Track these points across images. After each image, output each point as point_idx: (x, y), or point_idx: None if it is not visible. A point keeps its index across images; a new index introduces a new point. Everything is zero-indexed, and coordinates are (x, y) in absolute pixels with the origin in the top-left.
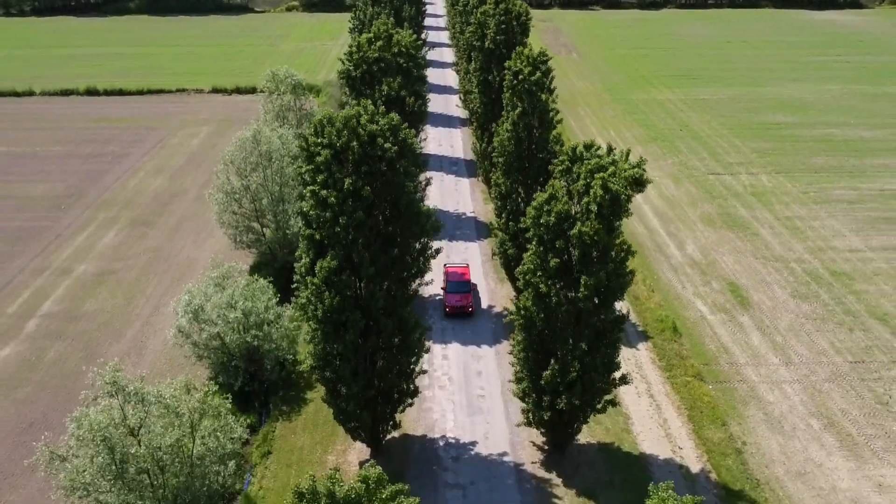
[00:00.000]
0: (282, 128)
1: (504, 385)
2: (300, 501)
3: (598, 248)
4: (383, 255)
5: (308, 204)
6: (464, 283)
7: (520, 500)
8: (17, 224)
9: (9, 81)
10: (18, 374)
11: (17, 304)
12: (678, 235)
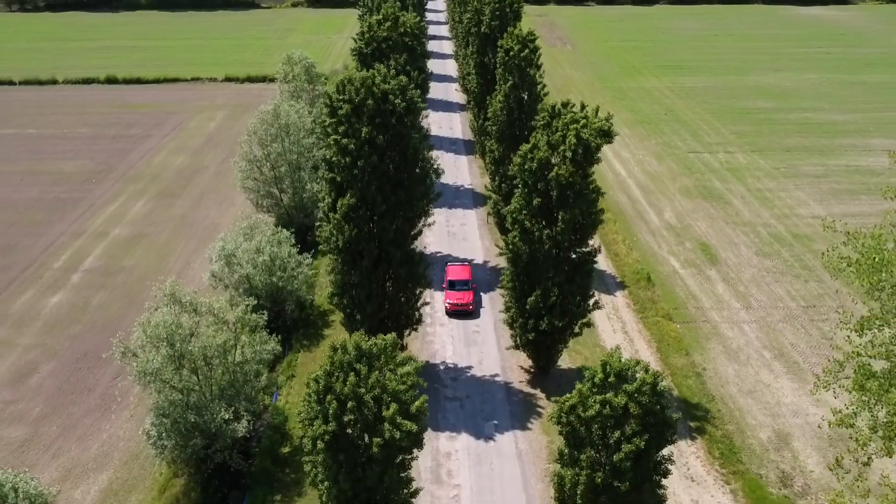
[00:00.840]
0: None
1: (497, 323)
2: (334, 352)
3: (573, 190)
4: (393, 196)
5: (331, 151)
6: (465, 281)
7: (508, 410)
8: (54, 195)
9: (32, 71)
10: (69, 316)
11: (61, 261)
12: (657, 204)
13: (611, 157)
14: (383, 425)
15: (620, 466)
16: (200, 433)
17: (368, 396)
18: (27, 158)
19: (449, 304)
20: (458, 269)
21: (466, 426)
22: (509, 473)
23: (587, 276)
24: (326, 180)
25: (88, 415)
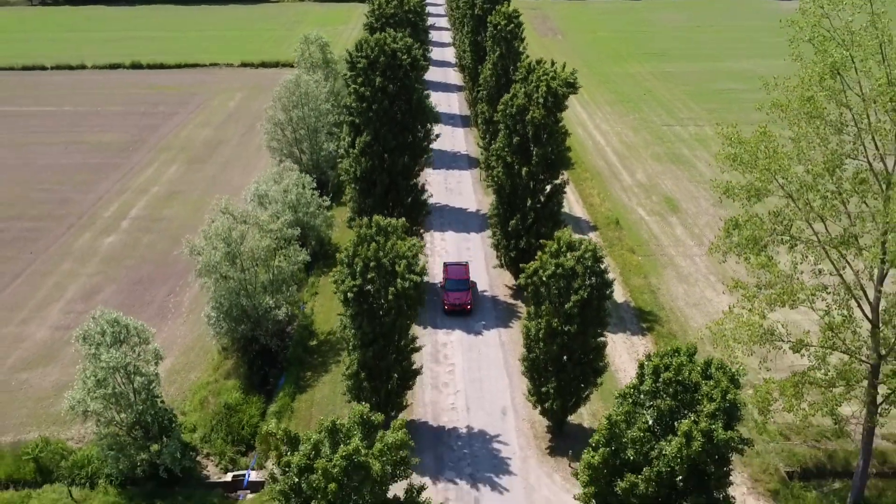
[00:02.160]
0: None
1: (486, 249)
2: (359, 228)
3: (545, 130)
4: (401, 136)
5: (350, 98)
6: (463, 281)
7: (494, 314)
8: (96, 161)
9: (61, 58)
10: (123, 252)
11: (111, 211)
12: (631, 167)
13: (591, 129)
14: (396, 280)
15: (570, 312)
16: (248, 319)
17: (385, 259)
18: (67, 131)
19: (447, 304)
20: (456, 269)
21: (460, 326)
22: (493, 356)
23: (559, 204)
24: (347, 123)
25: (149, 321)
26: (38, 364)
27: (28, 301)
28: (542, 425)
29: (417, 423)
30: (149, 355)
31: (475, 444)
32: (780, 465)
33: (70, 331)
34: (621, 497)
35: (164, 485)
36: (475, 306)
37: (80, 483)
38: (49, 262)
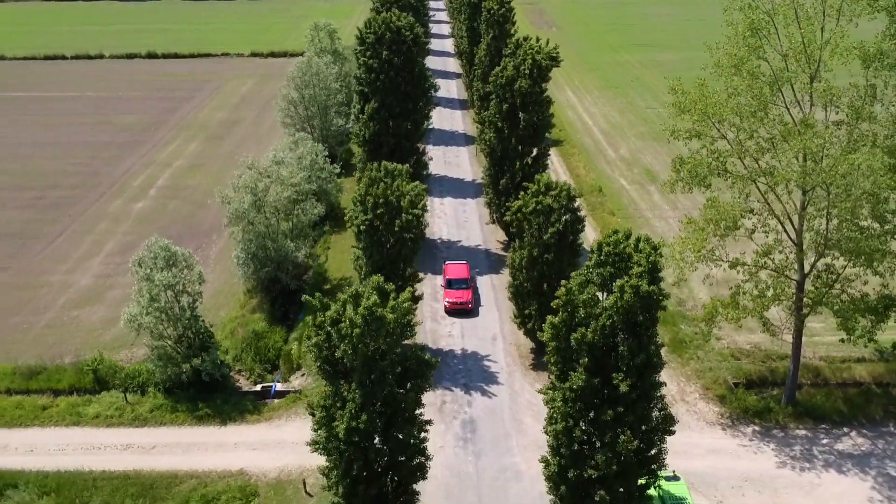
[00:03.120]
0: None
1: (479, 212)
2: (370, 171)
3: (531, 99)
4: (404, 103)
5: (360, 70)
6: (463, 280)
7: (487, 264)
8: (122, 139)
9: (80, 48)
10: (152, 215)
11: (139, 181)
12: (615, 144)
13: (581, 111)
14: (401, 215)
15: (548, 242)
16: (271, 261)
17: (392, 197)
18: (92, 113)
19: (448, 303)
20: (457, 268)
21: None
22: (485, 296)
23: (544, 166)
24: (357, 92)
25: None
26: (86, 304)
27: (71, 254)
28: (526, 348)
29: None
30: (193, 276)
31: (469, 362)
32: (728, 378)
33: (111, 279)
34: (574, 346)
35: (205, 390)
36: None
37: (132, 390)
38: (86, 223)
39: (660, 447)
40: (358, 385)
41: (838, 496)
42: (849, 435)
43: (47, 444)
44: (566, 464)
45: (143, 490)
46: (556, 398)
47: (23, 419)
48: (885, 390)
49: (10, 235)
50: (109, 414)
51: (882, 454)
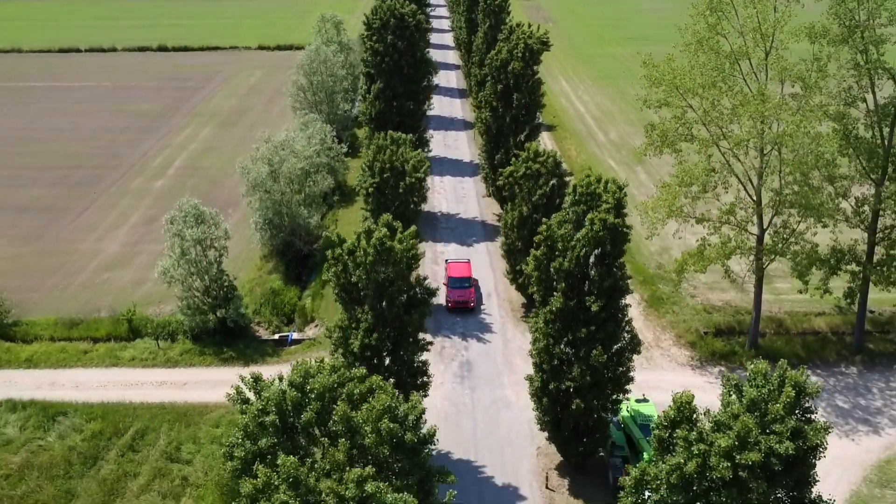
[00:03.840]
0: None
1: (476, 188)
2: (378, 140)
3: (523, 80)
4: (407, 84)
5: (367, 54)
6: (465, 278)
7: (483, 232)
8: (139, 125)
9: (94, 42)
10: (171, 191)
11: (157, 161)
12: (605, 129)
13: (574, 100)
14: (405, 179)
15: (537, 203)
16: (286, 227)
17: (397, 163)
18: (110, 101)
19: (450, 302)
20: (459, 267)
21: (455, 239)
22: (481, 259)
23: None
24: (364, 74)
25: None
26: (115, 268)
27: (99, 225)
28: (517, 303)
29: None
30: (220, 233)
31: (464, 313)
32: (699, 327)
33: (137, 246)
34: (553, 275)
35: (229, 337)
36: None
37: (163, 338)
38: (111, 199)
39: (627, 366)
40: (370, 308)
41: None
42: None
43: (90, 381)
44: (547, 378)
45: (178, 417)
46: (539, 321)
47: (67, 361)
48: (839, 338)
49: (40, 209)
50: (144, 357)
51: (833, 389)
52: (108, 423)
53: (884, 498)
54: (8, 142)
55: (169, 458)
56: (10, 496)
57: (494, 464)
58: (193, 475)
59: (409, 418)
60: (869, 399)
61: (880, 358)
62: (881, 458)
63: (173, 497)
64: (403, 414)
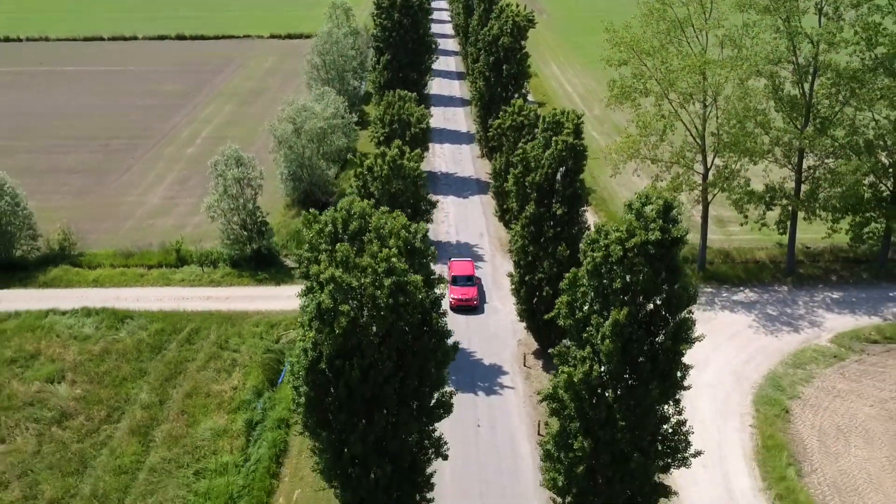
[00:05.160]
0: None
1: (472, 152)
2: (387, 97)
3: (511, 53)
4: (411, 56)
5: (377, 30)
6: (468, 277)
7: (478, 188)
8: (166, 103)
9: (116, 31)
10: (200, 157)
11: (186, 133)
12: (590, 106)
13: (563, 81)
14: (410, 129)
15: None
16: (307, 178)
17: (404, 116)
18: (137, 83)
19: (453, 300)
20: (462, 265)
21: (452, 192)
22: (475, 208)
23: None
24: (374, 48)
25: None
26: (158, 216)
27: (140, 183)
28: (505, 239)
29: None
30: (255, 174)
31: (462, 248)
32: None
33: (175, 199)
34: (528, 188)
35: (262, 264)
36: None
37: (206, 265)
38: (147, 163)
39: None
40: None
41: (728, 324)
42: (743, 291)
43: (148, 297)
44: (523, 272)
45: (224, 320)
46: (517, 226)
47: (127, 281)
48: (776, 266)
49: (87, 171)
50: (191, 279)
51: (765, 302)
52: (168, 324)
53: (795, 374)
54: (49, 117)
55: (219, 347)
56: (96, 372)
57: (484, 351)
58: (240, 358)
59: (417, 236)
60: (794, 308)
61: (808, 279)
62: (797, 348)
63: (225, 372)
64: (414, 230)
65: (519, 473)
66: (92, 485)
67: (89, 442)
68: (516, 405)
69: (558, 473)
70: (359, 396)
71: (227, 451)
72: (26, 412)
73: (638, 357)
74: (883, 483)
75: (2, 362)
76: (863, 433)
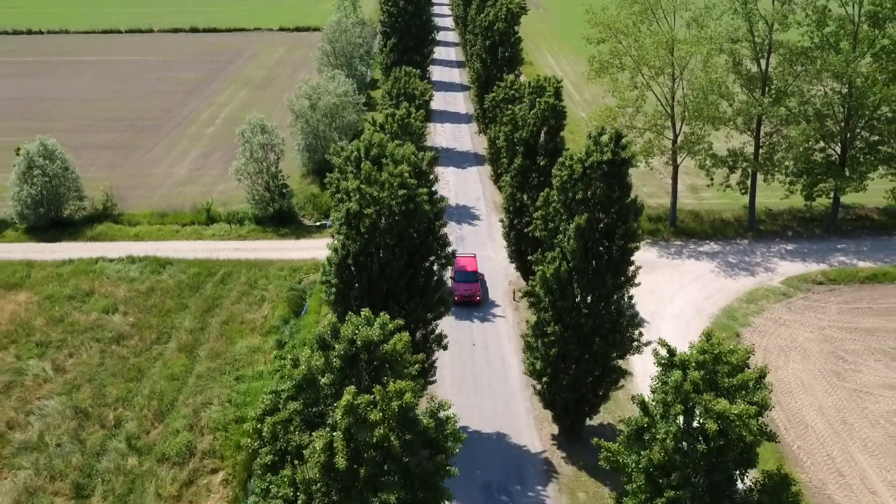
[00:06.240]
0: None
1: (470, 130)
2: (393, 75)
3: (505, 37)
4: (415, 40)
5: (384, 16)
6: (471, 273)
7: (476, 161)
8: (184, 89)
9: (132, 24)
10: (220, 135)
11: (205, 115)
12: (581, 91)
13: (556, 69)
14: (415, 101)
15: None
16: (321, 150)
17: (409, 89)
18: (155, 71)
19: (457, 295)
20: (466, 261)
21: (452, 164)
22: (473, 177)
23: None
24: (382, 32)
25: None
26: (186, 184)
27: (167, 158)
28: (499, 201)
29: None
30: (278, 141)
31: (460, 210)
32: None
33: (201, 171)
34: (516, 144)
35: (284, 222)
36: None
37: (233, 223)
38: (172, 140)
39: None
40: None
41: (692, 270)
42: (708, 243)
43: (183, 248)
44: (512, 217)
45: (251, 266)
46: (506, 178)
47: (164, 236)
48: (739, 223)
49: (117, 147)
50: (221, 234)
51: (727, 252)
52: (203, 269)
53: (748, 308)
54: (76, 101)
55: (250, 287)
56: (144, 305)
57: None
58: (268, 295)
59: (424, 161)
60: (752, 258)
61: (767, 234)
62: (751, 288)
63: (256, 305)
64: (421, 156)
65: (507, 378)
66: (149, 388)
67: (144, 357)
68: (506, 330)
69: (536, 359)
70: (377, 290)
71: (261, 362)
72: (88, 335)
73: (596, 255)
74: (813, 387)
75: (63, 298)
76: (801, 352)
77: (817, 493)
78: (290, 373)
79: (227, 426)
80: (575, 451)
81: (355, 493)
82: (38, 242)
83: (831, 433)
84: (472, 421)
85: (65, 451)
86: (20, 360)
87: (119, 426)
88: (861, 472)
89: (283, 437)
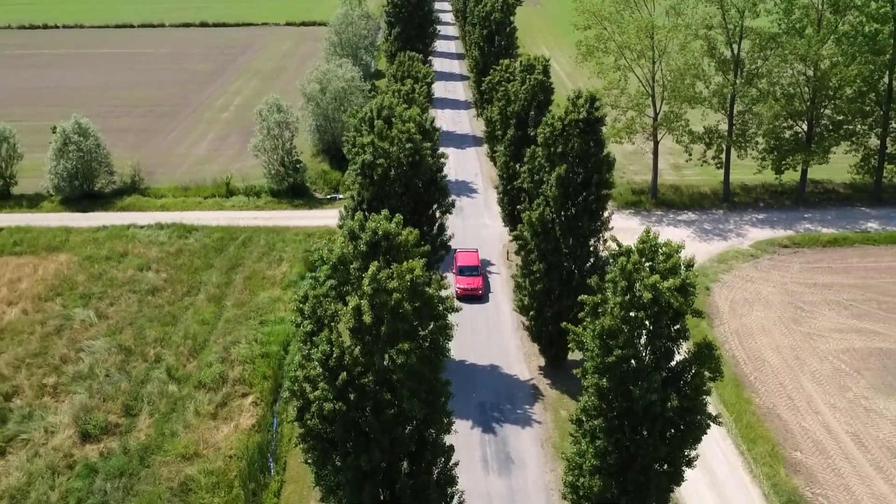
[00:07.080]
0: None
1: (469, 114)
2: (396, 59)
3: (502, 27)
4: (417, 29)
5: (388, 6)
6: (474, 267)
7: (474, 142)
8: (198, 79)
9: (144, 19)
10: (234, 120)
11: (219, 102)
12: (574, 81)
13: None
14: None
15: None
16: (330, 131)
17: (413, 71)
18: (170, 62)
19: (459, 289)
20: (468, 256)
21: (452, 145)
22: (471, 157)
23: None
24: (386, 22)
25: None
26: (205, 163)
27: (186, 138)
28: (496, 177)
29: None
30: (292, 119)
31: (459, 185)
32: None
33: (218, 151)
34: (509, 117)
35: (297, 195)
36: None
37: (251, 195)
38: (190, 124)
39: None
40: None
41: (670, 235)
42: (686, 213)
43: (206, 218)
44: (506, 182)
45: (269, 232)
46: (500, 148)
47: (188, 207)
48: (716, 195)
49: (138, 130)
50: (240, 205)
51: (703, 221)
52: (226, 234)
53: (718, 267)
54: (96, 89)
55: (269, 248)
56: (174, 264)
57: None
58: (286, 255)
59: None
60: (725, 225)
61: (740, 206)
62: (722, 250)
63: (275, 263)
64: (425, 117)
65: (500, 322)
66: (184, 330)
67: (177, 306)
68: (500, 284)
69: (524, 296)
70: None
71: (281, 310)
72: (126, 287)
73: (575, 201)
74: (772, 331)
75: (100, 258)
76: (764, 302)
77: (769, 413)
78: (327, 256)
79: (254, 360)
80: (559, 379)
81: (377, 348)
82: (73, 212)
83: (784, 367)
84: (470, 356)
85: (113, 379)
86: (67, 309)
87: (159, 361)
88: (808, 397)
89: (320, 309)
